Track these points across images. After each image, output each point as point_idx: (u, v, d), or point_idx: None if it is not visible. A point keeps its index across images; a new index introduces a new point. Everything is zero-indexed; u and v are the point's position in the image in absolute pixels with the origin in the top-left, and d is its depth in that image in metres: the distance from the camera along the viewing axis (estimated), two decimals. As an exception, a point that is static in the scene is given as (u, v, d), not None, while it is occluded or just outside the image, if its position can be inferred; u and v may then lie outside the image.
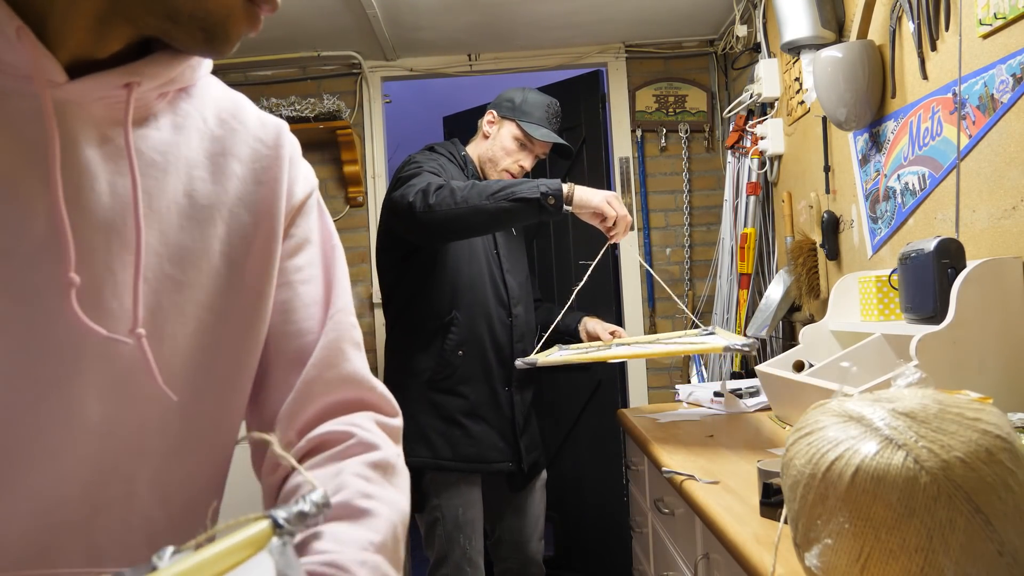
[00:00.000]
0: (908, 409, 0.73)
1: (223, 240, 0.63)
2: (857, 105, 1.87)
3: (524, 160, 2.08)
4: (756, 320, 2.49)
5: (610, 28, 3.12)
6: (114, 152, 0.57)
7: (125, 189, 0.56)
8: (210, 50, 0.57)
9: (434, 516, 1.94)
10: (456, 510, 1.93)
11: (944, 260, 1.40)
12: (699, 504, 1.24)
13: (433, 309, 1.95)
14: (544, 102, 2.10)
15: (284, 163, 0.69)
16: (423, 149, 2.08)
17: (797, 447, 0.79)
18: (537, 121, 2.07)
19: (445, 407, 1.96)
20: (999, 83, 1.43)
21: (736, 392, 2.12)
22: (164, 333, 0.59)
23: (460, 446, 1.95)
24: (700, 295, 3.27)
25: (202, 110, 0.65)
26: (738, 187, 2.90)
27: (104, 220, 0.55)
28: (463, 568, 1.93)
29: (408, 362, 1.99)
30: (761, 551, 0.97)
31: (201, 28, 0.55)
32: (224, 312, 0.63)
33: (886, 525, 0.68)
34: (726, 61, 3.29)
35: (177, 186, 0.61)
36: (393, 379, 2.01)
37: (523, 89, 2.13)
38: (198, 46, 0.57)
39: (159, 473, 0.61)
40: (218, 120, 0.66)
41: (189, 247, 0.61)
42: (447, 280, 1.97)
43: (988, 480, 0.68)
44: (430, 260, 1.97)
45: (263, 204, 0.66)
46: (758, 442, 1.64)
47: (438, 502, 1.93)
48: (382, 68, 3.30)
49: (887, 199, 1.89)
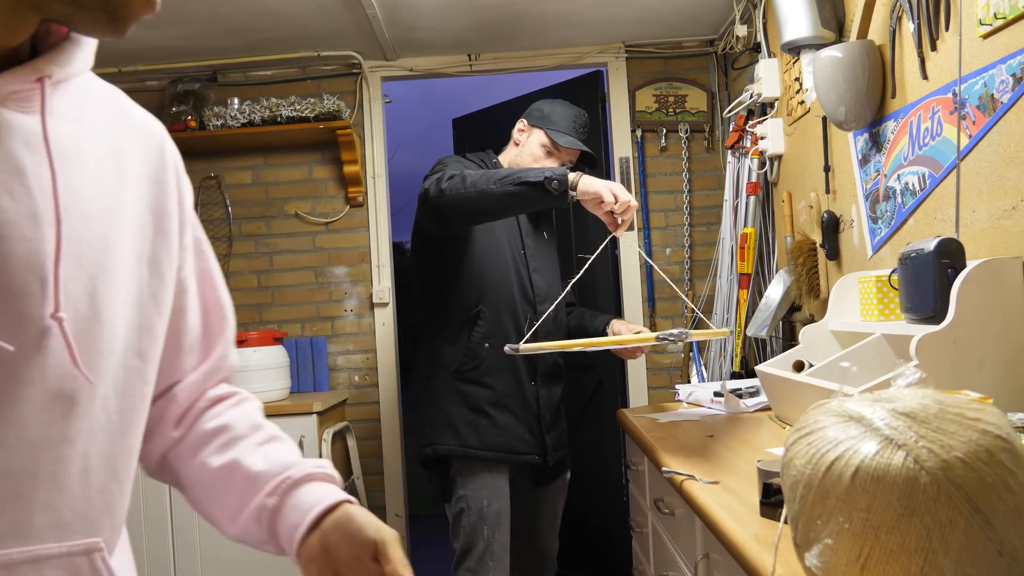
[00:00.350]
0: (908, 409, 0.73)
1: (131, 232, 0.67)
2: (857, 105, 1.87)
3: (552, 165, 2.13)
4: (756, 320, 2.49)
5: (610, 28, 3.12)
6: (34, 144, 0.58)
7: (47, 180, 0.58)
8: (112, 31, 0.58)
9: (460, 507, 1.96)
10: (481, 501, 1.95)
11: (944, 260, 1.40)
12: (699, 504, 1.24)
13: (461, 303, 2.04)
14: (572, 113, 2.18)
15: (171, 168, 0.73)
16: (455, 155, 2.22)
17: (797, 447, 0.79)
18: (564, 129, 2.14)
19: (472, 397, 2.04)
20: (999, 83, 1.43)
21: (736, 392, 2.12)
22: (103, 316, 0.62)
23: (487, 435, 2.02)
24: (700, 295, 3.27)
25: (94, 102, 0.66)
26: (738, 187, 2.90)
27: (27, 210, 0.57)
28: (485, 562, 1.94)
29: (438, 354, 2.08)
30: (761, 551, 0.97)
31: (103, 10, 0.56)
32: (142, 296, 0.67)
33: (886, 525, 0.68)
34: (726, 61, 3.29)
35: (89, 177, 0.63)
36: (424, 370, 2.12)
37: (554, 101, 2.22)
38: (100, 28, 0.58)
39: (107, 448, 0.64)
40: (109, 112, 0.68)
41: (107, 235, 0.63)
42: (474, 275, 2.07)
43: (988, 480, 0.67)
44: (457, 256, 2.07)
45: (158, 203, 0.70)
46: (758, 442, 1.64)
47: (464, 492, 1.96)
48: (382, 68, 3.30)
49: (887, 199, 1.89)
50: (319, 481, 0.75)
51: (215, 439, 0.78)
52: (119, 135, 0.67)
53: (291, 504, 0.72)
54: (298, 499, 0.72)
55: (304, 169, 3.30)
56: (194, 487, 0.78)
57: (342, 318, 3.31)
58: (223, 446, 0.77)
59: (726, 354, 2.91)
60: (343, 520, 0.71)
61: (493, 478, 1.99)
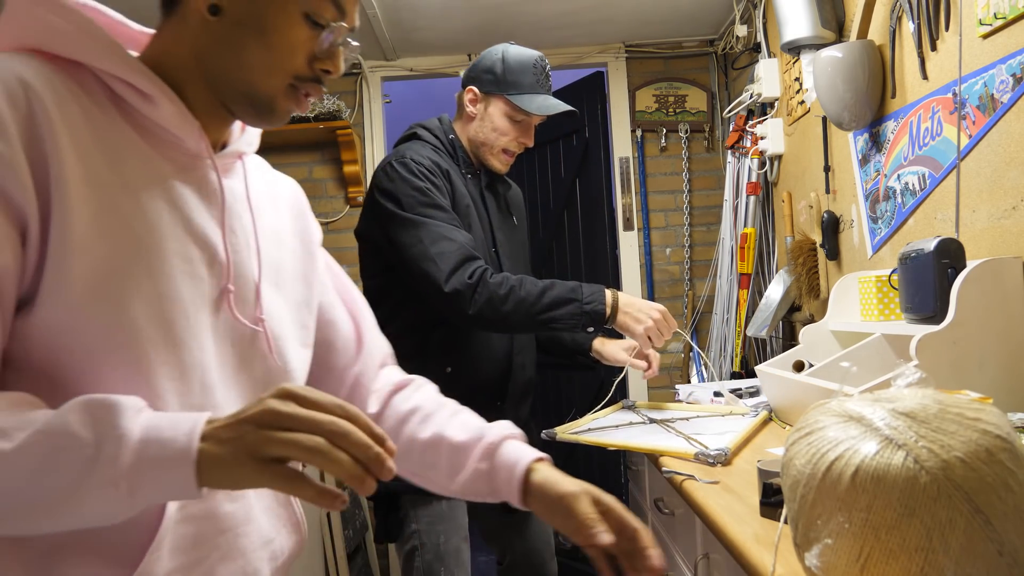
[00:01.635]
0: (908, 409, 0.73)
1: (290, 256, 0.91)
2: (857, 105, 1.87)
3: (523, 136, 1.80)
4: (756, 320, 2.49)
5: (610, 28, 3.12)
6: (238, 197, 0.84)
7: (249, 222, 0.84)
8: (261, 122, 0.83)
9: (412, 545, 1.69)
10: (437, 537, 1.69)
11: (944, 260, 1.40)
12: (699, 504, 1.24)
13: (420, 321, 1.71)
14: (530, 62, 1.78)
15: (307, 209, 1.00)
16: (408, 136, 1.83)
17: (797, 447, 0.79)
18: (528, 89, 1.76)
19: None
20: (999, 83, 1.43)
21: (736, 392, 2.12)
22: (281, 317, 0.86)
23: None
24: (700, 295, 3.27)
25: (256, 165, 0.93)
26: (738, 187, 2.90)
27: (241, 243, 0.82)
28: None
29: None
30: (761, 551, 0.97)
31: (251, 104, 0.80)
32: (299, 303, 0.91)
33: (886, 525, 0.68)
34: (726, 61, 3.29)
35: (266, 220, 0.88)
36: None
37: (502, 50, 1.80)
38: (251, 119, 0.82)
39: None
40: (262, 172, 0.94)
41: (279, 260, 0.88)
42: None
43: (988, 480, 0.67)
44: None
45: (304, 234, 0.96)
46: (758, 442, 1.64)
47: (416, 528, 1.69)
48: (382, 68, 3.30)
49: (887, 199, 1.89)
50: (512, 439, 0.93)
51: (412, 417, 0.98)
52: (272, 186, 0.94)
53: (499, 464, 0.90)
54: (501, 459, 0.91)
55: (304, 169, 3.30)
56: (404, 458, 0.96)
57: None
58: (422, 421, 0.97)
59: (726, 354, 2.91)
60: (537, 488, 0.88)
61: (451, 511, 1.70)
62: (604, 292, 1.64)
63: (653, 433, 1.73)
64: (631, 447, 1.61)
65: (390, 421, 0.99)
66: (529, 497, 0.88)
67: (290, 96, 0.79)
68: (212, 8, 0.76)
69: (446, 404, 1.01)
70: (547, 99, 1.78)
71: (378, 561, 3.22)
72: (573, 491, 0.84)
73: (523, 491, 0.89)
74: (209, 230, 0.78)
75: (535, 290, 1.62)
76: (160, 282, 0.72)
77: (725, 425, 1.76)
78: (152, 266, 0.72)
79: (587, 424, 1.91)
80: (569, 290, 1.64)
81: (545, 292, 1.62)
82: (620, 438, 1.71)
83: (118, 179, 0.71)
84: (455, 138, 1.81)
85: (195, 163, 0.79)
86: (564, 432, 1.80)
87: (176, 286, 0.73)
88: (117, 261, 0.69)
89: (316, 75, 0.79)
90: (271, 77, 0.78)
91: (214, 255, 0.78)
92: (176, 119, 0.76)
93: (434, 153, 1.74)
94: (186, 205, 0.77)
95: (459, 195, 1.72)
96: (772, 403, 1.85)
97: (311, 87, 0.80)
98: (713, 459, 1.40)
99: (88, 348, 0.68)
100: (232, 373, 0.80)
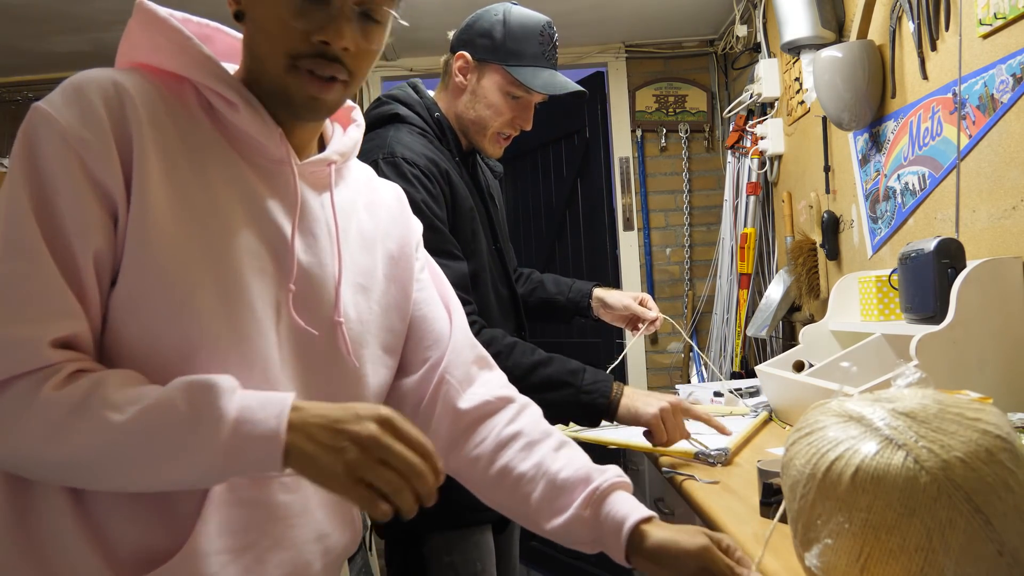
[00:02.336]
0: (908, 409, 0.73)
1: (382, 260, 0.94)
2: (857, 105, 1.87)
3: (520, 116, 1.52)
4: (756, 320, 2.49)
5: (610, 28, 3.12)
6: (326, 205, 0.87)
7: (332, 229, 0.87)
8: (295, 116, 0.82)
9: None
10: (474, 566, 1.46)
11: (944, 260, 1.40)
12: (699, 504, 1.24)
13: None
14: (536, 28, 1.48)
15: (407, 211, 1.02)
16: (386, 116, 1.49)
17: (797, 447, 0.79)
18: (532, 61, 1.47)
19: None
20: (999, 83, 1.43)
21: (736, 392, 2.12)
22: (364, 320, 0.89)
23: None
24: (700, 295, 3.27)
25: (357, 175, 0.97)
26: (738, 187, 2.90)
27: (322, 247, 0.85)
28: None
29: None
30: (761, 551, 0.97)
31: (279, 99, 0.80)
32: (388, 307, 0.93)
33: (886, 525, 0.68)
34: (726, 61, 3.29)
35: (355, 225, 0.91)
36: None
37: (503, 9, 1.50)
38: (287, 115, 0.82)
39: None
40: (366, 182, 0.98)
41: (366, 264, 0.91)
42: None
43: (988, 480, 0.67)
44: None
45: (401, 237, 0.98)
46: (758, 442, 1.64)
47: (451, 560, 1.45)
48: (382, 68, 3.30)
49: (887, 199, 1.89)
50: (620, 490, 0.89)
51: (514, 443, 0.94)
52: (372, 194, 0.97)
53: (605, 517, 0.86)
54: (608, 511, 0.87)
55: (304, 169, 3.30)
56: (494, 486, 0.94)
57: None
58: (523, 449, 0.94)
59: (726, 354, 2.91)
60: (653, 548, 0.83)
61: (482, 534, 1.49)
62: (611, 384, 1.37)
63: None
64: (631, 446, 1.61)
65: (488, 443, 0.95)
66: (638, 558, 0.84)
67: (296, 77, 0.78)
68: (237, 15, 0.81)
69: (552, 434, 0.96)
70: (554, 75, 1.50)
71: (378, 561, 3.22)
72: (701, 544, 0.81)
73: (629, 550, 0.85)
74: (282, 231, 0.81)
75: (525, 363, 1.35)
76: (226, 273, 0.76)
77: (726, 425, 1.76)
78: (220, 257, 0.76)
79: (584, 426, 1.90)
80: (568, 372, 1.37)
81: (537, 368, 1.35)
82: (620, 437, 1.71)
83: (198, 178, 0.76)
84: (441, 116, 1.51)
85: (278, 168, 0.83)
86: (564, 430, 1.79)
87: (243, 279, 0.77)
88: (186, 250, 0.74)
89: (317, 50, 0.77)
90: (271, 62, 0.78)
91: (282, 255, 0.81)
92: (257, 125, 0.80)
93: (427, 145, 1.44)
94: (262, 206, 0.80)
95: (460, 199, 1.45)
96: (772, 403, 1.85)
97: (314, 63, 0.78)
98: (713, 459, 1.40)
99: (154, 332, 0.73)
100: (297, 371, 0.82)
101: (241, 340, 0.76)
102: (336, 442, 0.67)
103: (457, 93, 1.51)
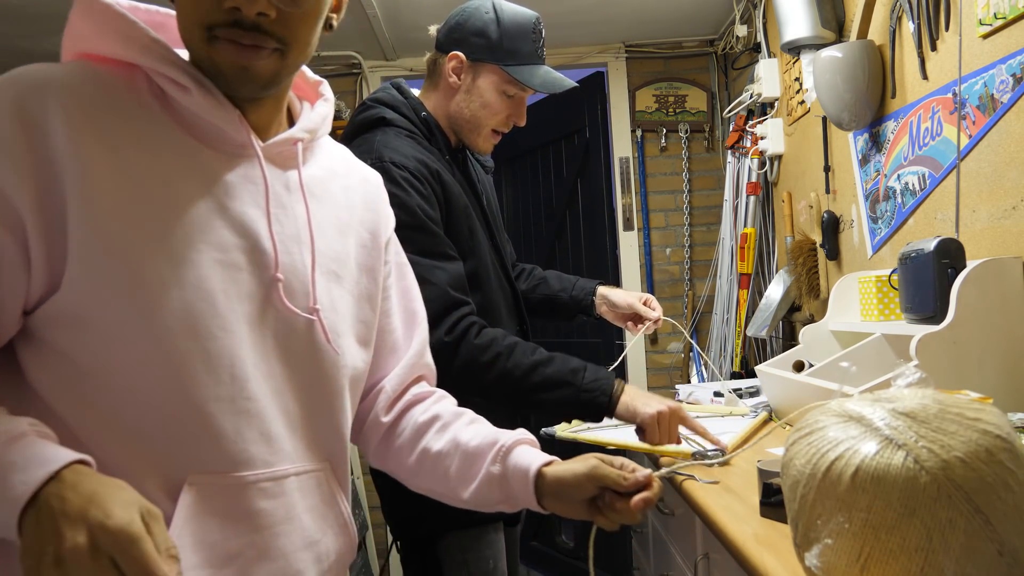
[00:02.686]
0: (908, 409, 0.73)
1: (356, 248, 0.90)
2: (857, 105, 1.87)
3: (515, 113, 1.53)
4: (756, 320, 2.49)
5: (610, 28, 3.12)
6: (292, 187, 0.83)
7: (302, 212, 0.83)
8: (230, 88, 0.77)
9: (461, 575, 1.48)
10: (487, 564, 1.48)
11: (944, 260, 1.40)
12: (699, 504, 1.24)
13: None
14: (528, 25, 1.49)
15: (383, 202, 0.98)
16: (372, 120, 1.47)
17: (797, 447, 0.79)
18: (527, 59, 1.48)
19: None
20: (999, 83, 1.43)
21: (736, 392, 2.12)
22: (336, 309, 0.85)
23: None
24: (700, 295, 3.27)
25: (330, 156, 0.92)
26: (738, 187, 2.90)
27: (291, 233, 0.81)
28: None
29: None
30: (761, 551, 0.97)
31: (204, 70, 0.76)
32: (361, 296, 0.90)
33: (886, 525, 0.68)
34: (726, 61, 3.29)
35: (328, 210, 0.87)
36: None
37: (493, 7, 1.48)
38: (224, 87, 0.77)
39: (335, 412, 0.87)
40: (341, 163, 0.94)
41: (340, 252, 0.87)
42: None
43: (988, 480, 0.67)
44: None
45: (375, 225, 0.94)
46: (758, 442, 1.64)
47: (464, 558, 1.47)
48: (382, 68, 3.30)
49: (887, 199, 1.89)
50: (524, 444, 0.93)
51: (431, 428, 0.97)
52: (347, 177, 0.93)
53: (512, 468, 0.90)
54: (513, 462, 0.91)
55: (304, 169, 3.30)
56: (416, 471, 0.97)
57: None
58: (439, 431, 0.96)
59: (726, 354, 2.91)
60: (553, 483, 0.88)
61: (495, 532, 1.50)
62: (612, 382, 1.37)
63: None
64: (630, 447, 1.61)
65: (407, 434, 0.98)
66: (545, 498, 0.89)
67: (217, 48, 0.74)
68: None
69: (464, 413, 1.00)
70: (549, 72, 1.52)
71: (378, 561, 3.22)
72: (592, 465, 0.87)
73: (538, 492, 0.89)
74: (253, 219, 0.78)
75: (526, 363, 1.34)
76: (185, 270, 0.72)
77: (725, 425, 1.76)
78: (178, 254, 0.72)
79: (584, 423, 1.90)
80: (569, 371, 1.37)
81: (537, 368, 1.35)
82: (619, 437, 1.71)
83: (154, 171, 0.73)
84: (428, 115, 1.50)
85: (241, 152, 0.79)
86: (564, 431, 1.79)
87: (204, 275, 0.73)
88: (141, 249, 0.70)
89: (231, 17, 0.72)
90: (192, 35, 0.75)
91: (256, 244, 0.78)
92: (212, 108, 0.76)
93: (415, 147, 1.43)
94: (227, 194, 0.77)
95: (454, 197, 1.44)
96: (772, 403, 1.85)
97: (232, 32, 0.73)
98: (711, 459, 1.40)
99: (109, 335, 0.70)
100: (274, 365, 0.79)
101: (201, 338, 0.73)
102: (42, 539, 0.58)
103: (449, 92, 1.50)
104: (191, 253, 0.73)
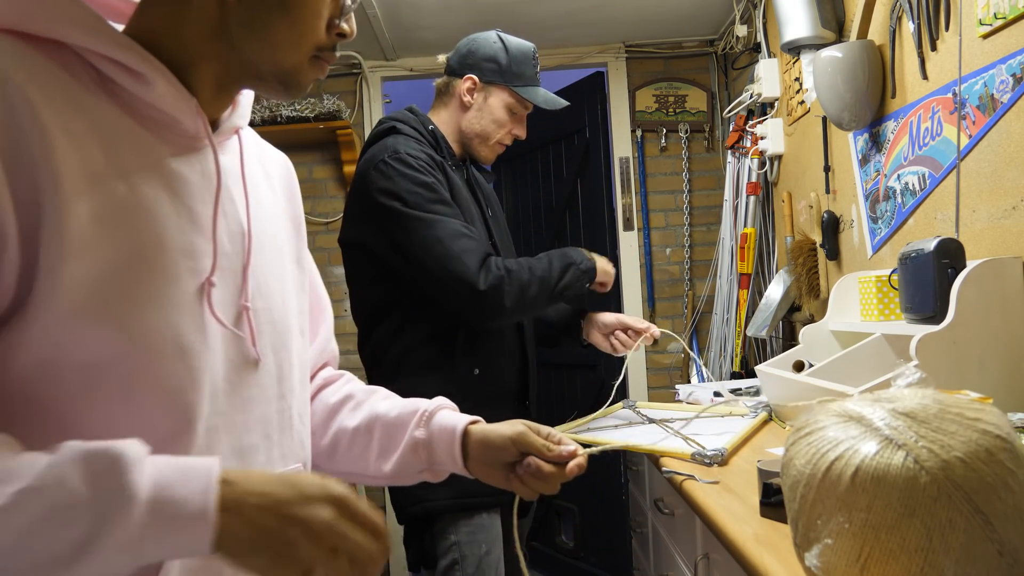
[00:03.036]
0: (908, 409, 0.73)
1: (286, 237, 0.87)
2: (857, 105, 1.87)
3: (517, 128, 1.78)
4: (756, 320, 2.49)
5: (610, 28, 3.12)
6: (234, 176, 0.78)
7: (243, 204, 0.78)
8: (288, 96, 0.77)
9: (451, 558, 1.55)
10: (479, 548, 1.56)
11: (944, 260, 1.40)
12: (699, 504, 1.24)
13: (442, 326, 1.61)
14: (530, 53, 1.76)
15: (296, 188, 0.94)
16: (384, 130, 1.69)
17: (797, 447, 0.79)
18: (530, 81, 1.75)
19: None
20: (999, 83, 1.43)
21: (736, 392, 2.12)
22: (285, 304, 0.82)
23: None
24: (700, 295, 3.27)
25: (248, 141, 0.85)
26: (738, 187, 2.90)
27: (236, 224, 0.76)
28: None
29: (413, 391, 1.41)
30: (761, 551, 0.97)
31: (279, 81, 0.75)
32: (296, 287, 0.87)
33: (886, 525, 0.68)
34: (726, 61, 3.29)
35: (261, 197, 0.82)
36: None
37: (500, 40, 1.75)
38: (278, 94, 0.77)
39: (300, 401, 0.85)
40: (256, 147, 0.88)
41: (276, 241, 0.83)
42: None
43: (988, 480, 0.67)
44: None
45: (295, 213, 0.91)
46: (758, 442, 1.64)
47: (456, 539, 1.56)
48: (382, 68, 3.30)
49: (887, 199, 1.89)
50: (446, 409, 0.93)
51: (343, 407, 0.96)
52: (265, 164, 0.87)
53: (437, 430, 0.90)
54: (438, 424, 0.90)
55: (304, 169, 3.30)
56: (331, 452, 0.94)
57: (342, 318, 3.30)
58: (353, 409, 0.95)
59: (726, 354, 2.92)
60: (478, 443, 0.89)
61: (490, 518, 1.59)
62: (579, 249, 1.71)
63: (652, 433, 1.73)
64: (631, 447, 1.61)
65: (319, 416, 0.96)
66: (470, 461, 0.89)
67: (314, 67, 0.76)
68: None
69: (377, 391, 0.99)
70: (547, 93, 1.79)
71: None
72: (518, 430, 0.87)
73: (464, 457, 0.89)
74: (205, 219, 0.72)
75: (543, 265, 1.64)
76: (164, 281, 0.66)
77: (725, 425, 1.76)
78: (155, 264, 0.66)
79: (587, 424, 1.91)
80: (560, 256, 1.68)
81: (552, 264, 1.65)
82: (620, 438, 1.71)
83: (114, 169, 0.64)
84: (435, 129, 1.71)
85: (193, 144, 0.73)
86: (564, 432, 1.79)
87: (181, 284, 0.68)
88: (119, 262, 0.63)
89: (334, 42, 0.76)
90: (297, 52, 0.73)
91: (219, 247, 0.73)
92: (172, 99, 0.69)
93: (422, 148, 1.63)
94: (187, 192, 0.70)
95: (456, 189, 1.63)
96: (772, 403, 1.85)
97: (330, 55, 0.76)
98: (710, 460, 1.40)
99: (84, 363, 0.62)
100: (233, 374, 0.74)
101: (186, 354, 0.67)
102: (283, 530, 0.57)
103: (461, 110, 1.75)
104: (165, 261, 0.67)
